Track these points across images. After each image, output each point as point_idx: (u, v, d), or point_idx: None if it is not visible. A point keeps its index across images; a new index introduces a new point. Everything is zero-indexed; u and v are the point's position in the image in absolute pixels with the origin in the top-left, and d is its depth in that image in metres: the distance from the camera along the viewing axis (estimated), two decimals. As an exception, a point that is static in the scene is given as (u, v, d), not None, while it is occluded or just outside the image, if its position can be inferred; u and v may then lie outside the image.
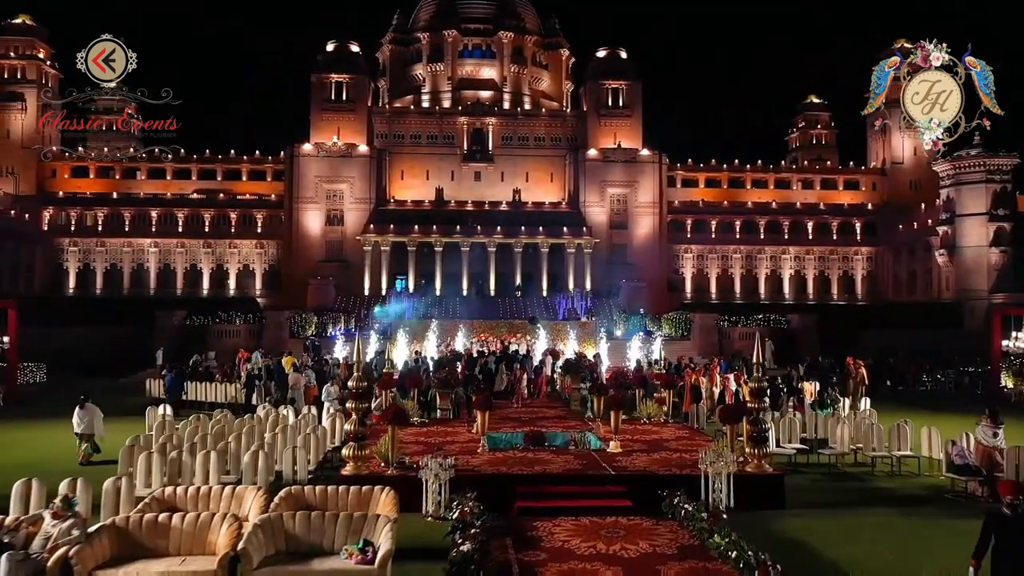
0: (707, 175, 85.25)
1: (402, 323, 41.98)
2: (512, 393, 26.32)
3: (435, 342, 37.09)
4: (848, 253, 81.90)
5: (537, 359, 32.80)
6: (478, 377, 20.56)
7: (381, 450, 13.92)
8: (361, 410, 12.76)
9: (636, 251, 77.55)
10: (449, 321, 43.11)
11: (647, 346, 37.62)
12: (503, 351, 32.53)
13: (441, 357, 29.87)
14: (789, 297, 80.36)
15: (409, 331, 38.60)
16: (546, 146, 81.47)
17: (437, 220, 74.05)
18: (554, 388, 29.61)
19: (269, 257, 79.57)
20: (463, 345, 37.64)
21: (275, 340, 42.20)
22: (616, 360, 37.46)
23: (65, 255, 78.21)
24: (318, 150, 76.98)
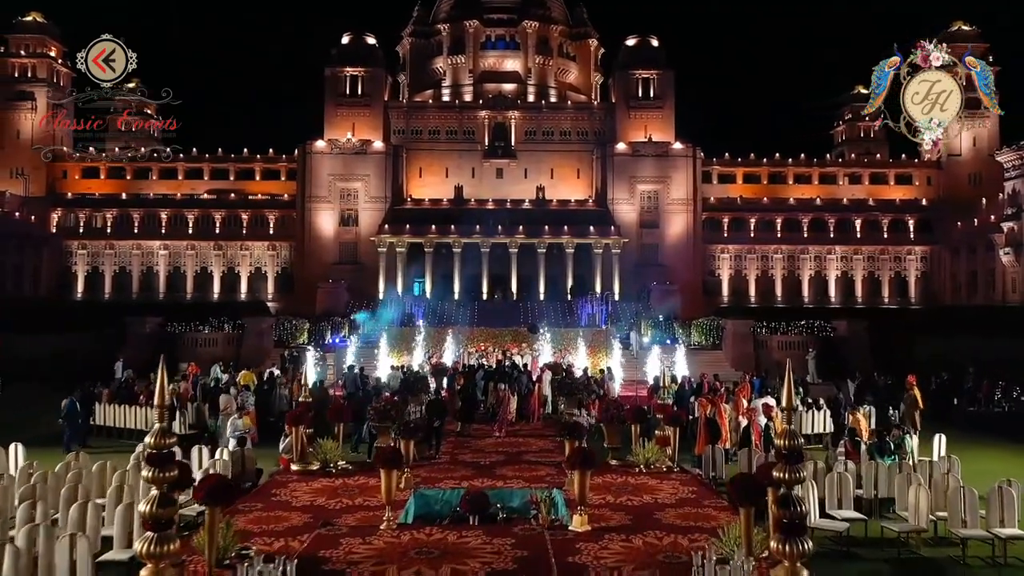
0: (745, 170, 79.64)
1: (386, 331, 37.64)
2: (495, 417, 21.82)
3: (422, 354, 32.76)
4: (900, 253, 75.66)
5: (536, 373, 28.14)
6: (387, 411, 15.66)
7: (200, 542, 9.44)
8: (163, 479, 8.21)
9: (668, 252, 72.46)
10: (441, 328, 38.62)
11: (669, 358, 32.73)
12: (499, 364, 27.93)
13: (406, 375, 25.32)
14: (835, 300, 74.51)
15: (391, 340, 34.28)
16: (572, 140, 76.84)
17: (456, 220, 69.74)
18: (555, 410, 25.04)
19: (282, 260, 76.15)
20: (453, 357, 33.17)
21: (255, 351, 38.23)
22: (633, 374, 32.74)
23: (73, 258, 75.64)
24: (331, 147, 73.39)
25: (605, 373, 28.78)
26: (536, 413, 24.83)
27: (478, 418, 22.92)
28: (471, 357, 33.42)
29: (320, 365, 30.24)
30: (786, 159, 79.27)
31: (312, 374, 30.26)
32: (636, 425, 15.94)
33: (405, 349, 33.82)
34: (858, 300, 74.48)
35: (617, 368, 31.67)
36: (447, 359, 32.45)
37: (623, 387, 31.27)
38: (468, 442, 20.89)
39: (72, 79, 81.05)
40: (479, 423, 22.81)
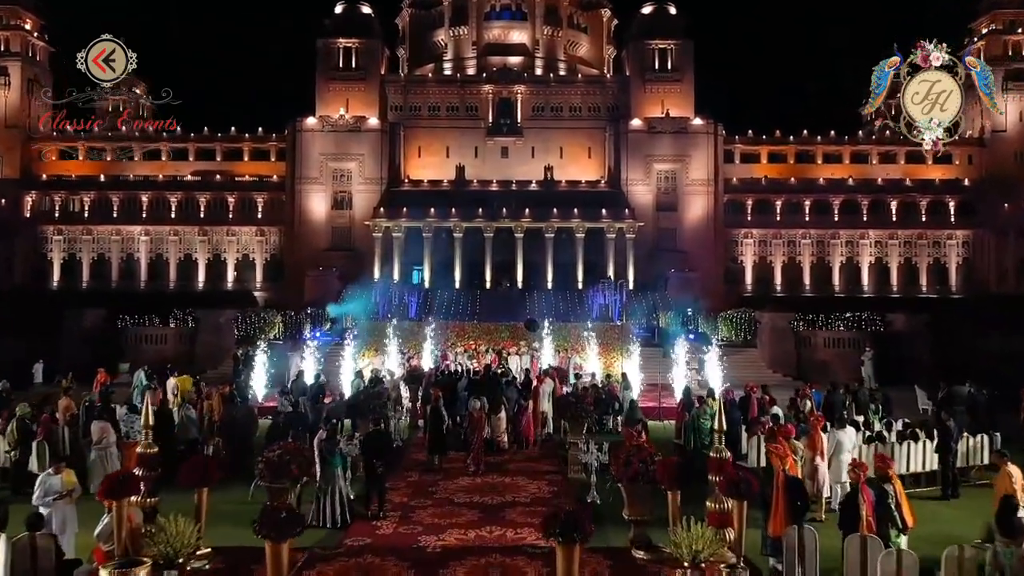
0: (770, 148, 73.59)
1: (355, 327, 32.34)
2: (468, 446, 16.53)
3: (396, 356, 27.37)
4: (940, 237, 69.65)
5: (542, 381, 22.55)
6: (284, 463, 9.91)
7: None
8: None
9: (687, 236, 66.91)
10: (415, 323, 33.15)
11: (697, 359, 27.23)
12: (487, 370, 22.43)
13: (359, 389, 19.71)
14: (868, 289, 68.71)
15: (362, 337, 28.98)
16: (583, 117, 71.23)
17: (457, 203, 64.38)
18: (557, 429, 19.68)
19: (271, 246, 70.93)
20: (433, 358, 27.74)
21: (211, 349, 33.03)
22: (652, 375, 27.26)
23: (49, 244, 70.64)
24: (323, 124, 68.15)
25: (621, 383, 23.36)
26: (532, 436, 19.48)
27: (455, 443, 17.50)
28: (458, 358, 28.06)
29: (282, 368, 24.77)
30: (815, 136, 73.16)
31: (261, 381, 25.09)
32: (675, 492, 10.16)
33: (378, 348, 28.51)
34: (893, 288, 68.68)
35: (636, 374, 26.22)
36: (427, 361, 27.07)
37: (642, 396, 25.87)
38: (436, 484, 15.65)
39: (49, 53, 76.18)
40: (459, 449, 17.47)
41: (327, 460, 12.44)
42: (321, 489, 12.27)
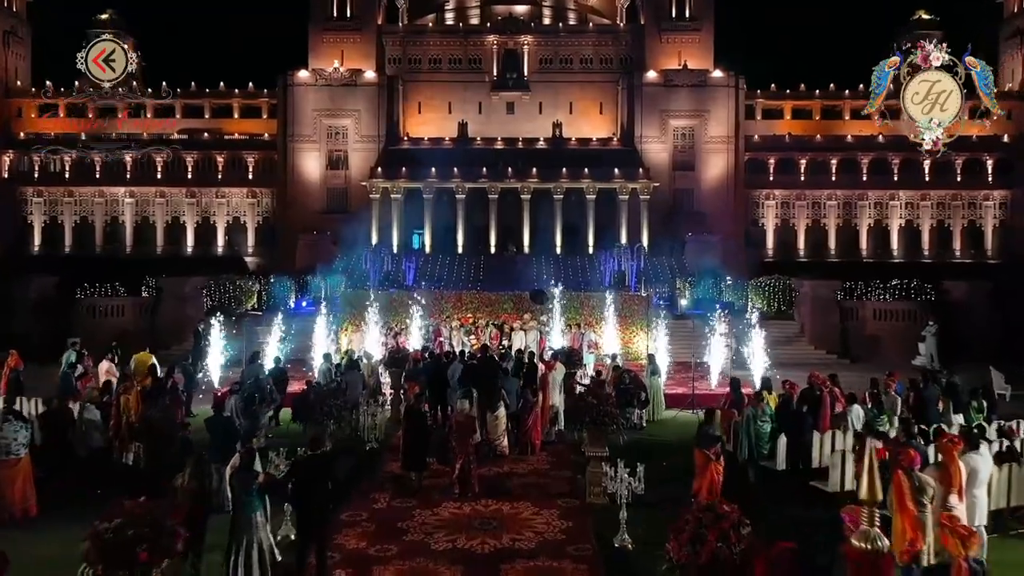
0: (794, 103, 68.77)
1: (330, 296, 28.45)
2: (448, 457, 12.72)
3: (378, 332, 23.49)
4: (976, 198, 65.07)
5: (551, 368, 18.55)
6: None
7: None
8: None
9: (705, 197, 62.67)
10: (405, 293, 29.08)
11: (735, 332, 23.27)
12: (484, 351, 18.51)
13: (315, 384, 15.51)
14: (897, 254, 64.44)
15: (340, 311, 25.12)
16: (594, 70, 66.64)
17: (460, 162, 60.09)
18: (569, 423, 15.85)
19: (263, 208, 66.95)
20: (423, 336, 23.83)
21: (174, 321, 29.23)
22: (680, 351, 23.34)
23: (29, 207, 66.79)
24: (316, 77, 63.80)
25: (647, 366, 19.48)
26: (539, 439, 15.66)
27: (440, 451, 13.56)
28: (452, 335, 24.16)
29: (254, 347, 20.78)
30: (842, 91, 68.17)
31: (217, 363, 21.28)
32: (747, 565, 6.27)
33: (357, 323, 24.63)
34: (924, 253, 64.43)
35: (664, 354, 22.31)
36: (414, 341, 23.19)
37: (671, 379, 22.01)
38: (409, 515, 11.80)
39: (27, 5, 71.73)
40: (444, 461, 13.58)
41: (242, 502, 8.70)
42: (233, 546, 8.54)
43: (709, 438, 11.52)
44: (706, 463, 11.09)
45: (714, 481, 11.01)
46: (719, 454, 11.49)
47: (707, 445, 11.54)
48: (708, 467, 11.11)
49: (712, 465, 11.06)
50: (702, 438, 11.59)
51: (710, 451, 11.37)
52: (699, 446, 11.66)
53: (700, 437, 11.64)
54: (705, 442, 11.59)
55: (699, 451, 11.60)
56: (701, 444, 11.63)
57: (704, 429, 11.66)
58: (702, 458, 11.27)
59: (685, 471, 14.28)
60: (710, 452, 11.36)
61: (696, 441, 11.73)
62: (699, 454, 11.58)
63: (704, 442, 11.60)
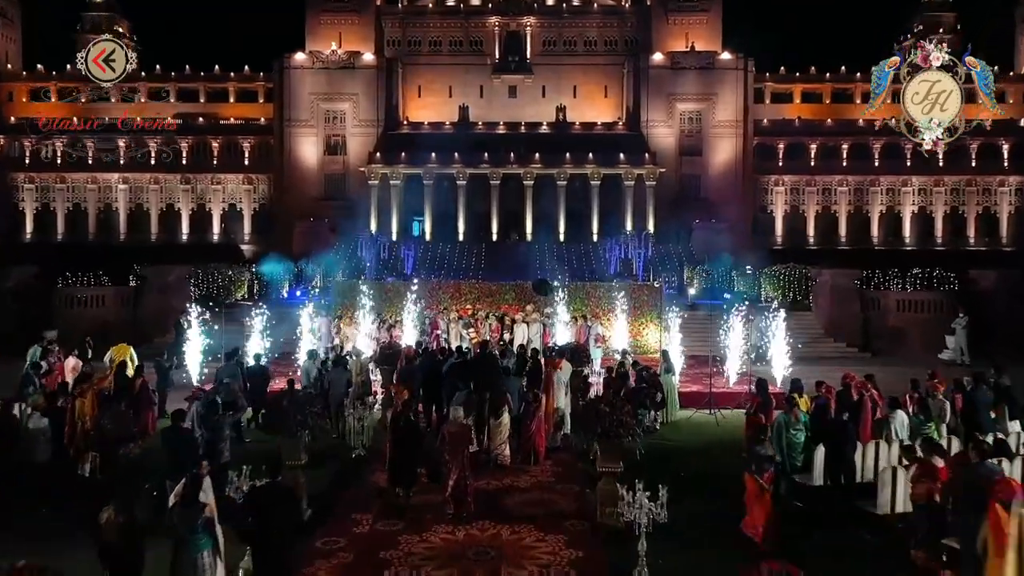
0: (804, 87, 67.03)
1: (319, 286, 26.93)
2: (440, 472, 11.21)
3: (369, 326, 21.93)
4: (991, 184, 63.31)
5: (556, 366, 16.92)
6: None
7: None
8: None
9: (712, 183, 60.99)
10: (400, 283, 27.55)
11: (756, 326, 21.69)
12: (484, 349, 16.98)
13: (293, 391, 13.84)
14: (910, 241, 62.78)
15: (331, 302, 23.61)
16: (599, 52, 64.93)
17: (461, 147, 58.35)
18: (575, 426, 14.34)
19: (260, 195, 65.35)
20: (418, 331, 22.28)
21: (158, 313, 27.73)
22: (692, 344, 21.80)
23: (20, 193, 65.23)
24: (313, 60, 62.03)
25: (662, 363, 17.96)
26: (543, 447, 14.15)
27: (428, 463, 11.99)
28: (450, 327, 22.61)
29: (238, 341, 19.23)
30: (853, 74, 66.35)
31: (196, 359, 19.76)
32: None
33: (350, 316, 23.07)
34: (937, 240, 62.76)
35: (677, 349, 20.74)
36: (408, 335, 21.63)
37: (684, 376, 20.47)
38: (394, 541, 10.29)
39: (19, -14, 70.16)
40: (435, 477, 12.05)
41: (185, 541, 7.24)
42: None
43: (762, 460, 9.80)
44: (760, 493, 9.36)
45: (769, 515, 9.36)
46: (773, 479, 9.81)
47: (760, 470, 9.81)
48: (762, 498, 9.42)
49: (765, 495, 9.43)
50: (754, 460, 9.86)
51: (764, 477, 9.70)
52: (750, 470, 9.87)
53: (751, 459, 9.93)
54: (758, 466, 9.84)
55: (750, 477, 9.77)
56: (752, 468, 9.87)
57: (755, 449, 9.95)
58: (754, 487, 9.50)
59: (706, 481, 12.85)
60: (763, 479, 9.69)
61: (745, 463, 10.01)
62: (750, 481, 9.75)
63: (756, 466, 9.84)
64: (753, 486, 9.52)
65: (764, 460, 9.84)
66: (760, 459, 9.81)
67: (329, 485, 12.75)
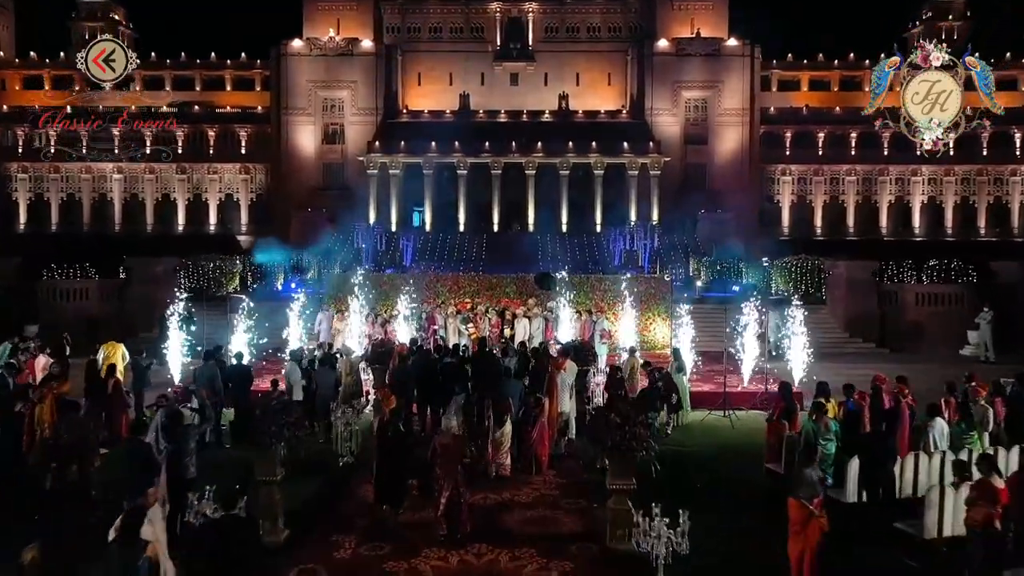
0: (812, 74, 65.67)
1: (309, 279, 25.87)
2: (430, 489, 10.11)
3: (362, 321, 20.78)
4: (1002, 173, 62.02)
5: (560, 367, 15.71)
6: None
7: None
8: None
9: (718, 173, 59.80)
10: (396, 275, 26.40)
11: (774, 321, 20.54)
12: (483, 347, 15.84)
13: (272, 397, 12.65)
14: (919, 232, 61.57)
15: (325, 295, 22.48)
16: (602, 39, 63.66)
17: (461, 136, 57.13)
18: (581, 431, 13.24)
19: (257, 185, 64.16)
20: (412, 327, 21.14)
21: (144, 307, 26.61)
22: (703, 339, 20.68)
23: (13, 183, 64.09)
24: (311, 47, 60.77)
25: (673, 361, 16.84)
26: (547, 456, 13.04)
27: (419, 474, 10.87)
28: (448, 323, 21.45)
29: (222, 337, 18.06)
30: (862, 60, 64.87)
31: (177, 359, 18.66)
32: None
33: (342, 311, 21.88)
34: (947, 231, 61.54)
35: (687, 344, 19.60)
36: (403, 332, 20.48)
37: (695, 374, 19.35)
38: (379, 568, 9.19)
39: (14, -27, 68.86)
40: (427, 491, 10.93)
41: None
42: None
43: (810, 484, 8.46)
44: (806, 519, 8.12)
45: (816, 545, 8.15)
46: (822, 505, 8.56)
47: (808, 493, 8.48)
48: (809, 525, 8.19)
49: (815, 522, 8.20)
50: (801, 483, 8.49)
51: (812, 503, 8.53)
52: (796, 495, 8.54)
53: (797, 482, 8.62)
54: (805, 489, 8.48)
55: (795, 502, 8.50)
56: (799, 492, 8.53)
57: (804, 472, 8.59)
58: (800, 513, 8.18)
59: (725, 493, 11.77)
60: (812, 504, 8.53)
61: (791, 486, 8.69)
62: (795, 506, 8.47)
63: (803, 489, 8.48)
64: (798, 512, 8.30)
65: (814, 484, 8.54)
66: (809, 483, 8.51)
67: (311, 500, 11.67)
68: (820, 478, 8.80)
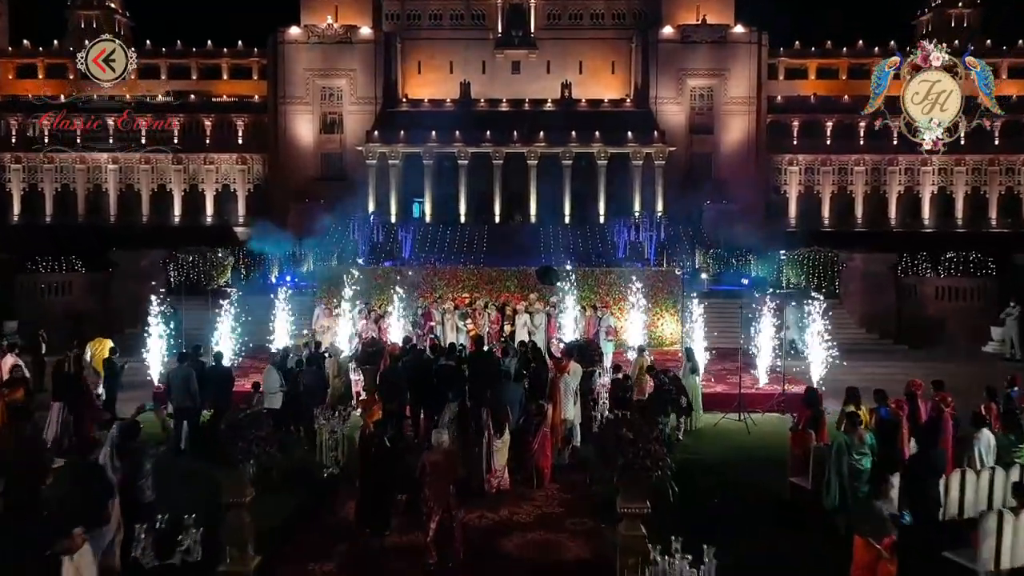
0: (820, 62, 64.37)
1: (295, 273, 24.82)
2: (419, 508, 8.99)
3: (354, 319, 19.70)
4: (1014, 163, 60.80)
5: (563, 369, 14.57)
6: None
7: None
8: None
9: (724, 163, 58.61)
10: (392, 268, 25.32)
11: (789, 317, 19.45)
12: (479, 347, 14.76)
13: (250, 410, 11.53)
14: (929, 223, 60.41)
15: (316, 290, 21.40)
16: (606, 26, 62.39)
17: (462, 125, 55.94)
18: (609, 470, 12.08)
19: (254, 175, 63.06)
20: (407, 325, 20.06)
21: (130, 302, 25.56)
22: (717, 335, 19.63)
23: (7, 174, 63.02)
24: (308, 34, 59.56)
25: (686, 362, 15.76)
26: (549, 468, 11.99)
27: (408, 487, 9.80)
28: (446, 319, 20.37)
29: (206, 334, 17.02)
30: (871, 48, 63.59)
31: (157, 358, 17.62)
32: None
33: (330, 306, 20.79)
34: (958, 222, 60.37)
35: (700, 343, 18.51)
36: (396, 330, 19.40)
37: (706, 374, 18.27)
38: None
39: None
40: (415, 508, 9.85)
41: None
42: None
43: (880, 520, 7.12)
44: (873, 563, 6.90)
45: None
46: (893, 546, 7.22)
47: (877, 532, 7.18)
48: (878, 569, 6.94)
49: (883, 566, 6.93)
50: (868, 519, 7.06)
51: (881, 542, 7.21)
52: (863, 532, 7.27)
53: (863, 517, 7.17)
54: (874, 527, 7.16)
55: (861, 541, 7.27)
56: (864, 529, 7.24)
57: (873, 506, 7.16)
58: (867, 554, 6.94)
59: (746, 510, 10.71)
60: (881, 544, 7.21)
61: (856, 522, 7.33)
62: (861, 546, 7.25)
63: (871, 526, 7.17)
64: (866, 555, 7.05)
65: (884, 521, 7.18)
66: (878, 519, 7.17)
67: (289, 517, 10.62)
68: (893, 514, 7.51)
